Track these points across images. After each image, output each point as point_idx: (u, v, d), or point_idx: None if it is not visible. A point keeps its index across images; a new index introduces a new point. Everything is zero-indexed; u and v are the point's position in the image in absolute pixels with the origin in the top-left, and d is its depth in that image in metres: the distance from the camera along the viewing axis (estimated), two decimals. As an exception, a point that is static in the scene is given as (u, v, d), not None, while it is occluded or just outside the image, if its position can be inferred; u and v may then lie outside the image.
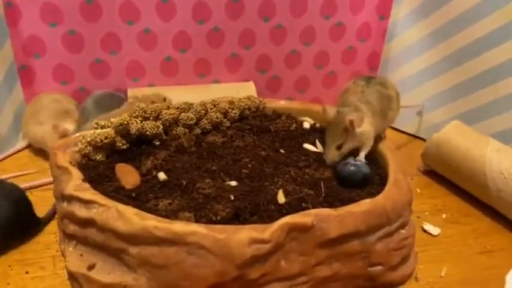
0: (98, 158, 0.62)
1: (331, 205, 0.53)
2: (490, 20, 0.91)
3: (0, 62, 0.79)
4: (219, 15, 0.89)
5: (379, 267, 0.54)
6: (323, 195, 0.56)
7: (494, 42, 0.91)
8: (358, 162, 0.61)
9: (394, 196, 0.55)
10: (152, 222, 0.47)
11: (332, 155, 0.63)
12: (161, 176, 0.58)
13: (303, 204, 0.54)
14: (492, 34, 0.91)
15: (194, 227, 0.46)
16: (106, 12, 0.82)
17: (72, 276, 0.53)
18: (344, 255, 0.52)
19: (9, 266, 0.68)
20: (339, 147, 0.62)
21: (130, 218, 0.48)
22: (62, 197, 0.56)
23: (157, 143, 0.66)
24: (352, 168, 0.60)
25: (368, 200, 0.53)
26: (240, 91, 0.82)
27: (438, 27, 1.01)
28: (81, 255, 0.53)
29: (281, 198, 0.55)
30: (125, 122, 0.63)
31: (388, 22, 1.09)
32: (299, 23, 1.00)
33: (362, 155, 0.64)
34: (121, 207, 0.50)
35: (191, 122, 0.69)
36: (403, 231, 0.56)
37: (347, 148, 0.63)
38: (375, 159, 0.65)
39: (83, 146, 0.63)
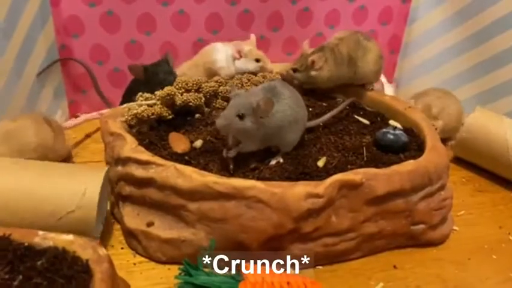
0: (143, 129, 0.65)
1: (375, 167, 0.56)
2: (509, 1, 0.94)
3: (42, 40, 0.81)
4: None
5: (421, 226, 0.57)
6: (365, 159, 0.59)
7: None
8: (397, 131, 0.63)
9: (434, 159, 0.57)
10: (212, 178, 0.50)
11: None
12: (209, 143, 0.61)
13: (349, 166, 0.56)
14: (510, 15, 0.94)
15: (252, 182, 0.49)
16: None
17: (130, 234, 0.56)
18: (389, 213, 0.55)
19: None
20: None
21: (190, 175, 0.51)
22: (117, 161, 0.59)
23: (197, 115, 0.69)
24: (392, 137, 0.62)
25: (412, 161, 0.56)
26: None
27: (458, 10, 1.03)
28: (138, 214, 0.56)
29: (322, 162, 0.57)
30: (172, 93, 0.65)
31: (410, 5, 1.11)
32: (325, 6, 1.03)
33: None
34: (179, 166, 0.52)
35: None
36: (442, 192, 0.58)
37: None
38: (410, 128, 0.67)
39: (129, 118, 0.65)
